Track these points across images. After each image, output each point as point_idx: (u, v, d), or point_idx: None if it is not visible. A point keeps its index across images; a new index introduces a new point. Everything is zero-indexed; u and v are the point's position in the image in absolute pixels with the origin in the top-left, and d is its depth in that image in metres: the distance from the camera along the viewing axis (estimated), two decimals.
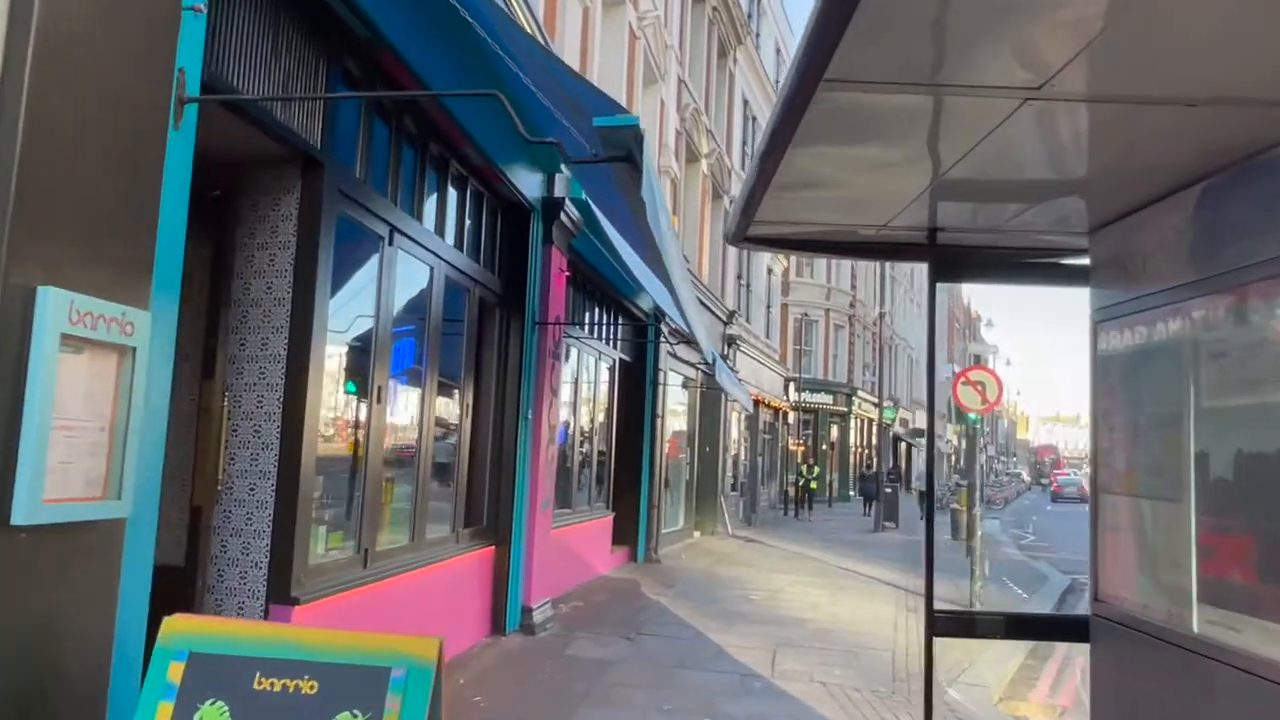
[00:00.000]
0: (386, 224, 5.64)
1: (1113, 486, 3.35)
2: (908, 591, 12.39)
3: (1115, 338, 3.39)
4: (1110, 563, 3.37)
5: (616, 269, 10.48)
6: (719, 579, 12.65)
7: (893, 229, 3.59)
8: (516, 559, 8.02)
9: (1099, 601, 3.40)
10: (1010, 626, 3.57)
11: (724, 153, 19.79)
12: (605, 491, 12.69)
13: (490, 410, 7.91)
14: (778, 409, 26.52)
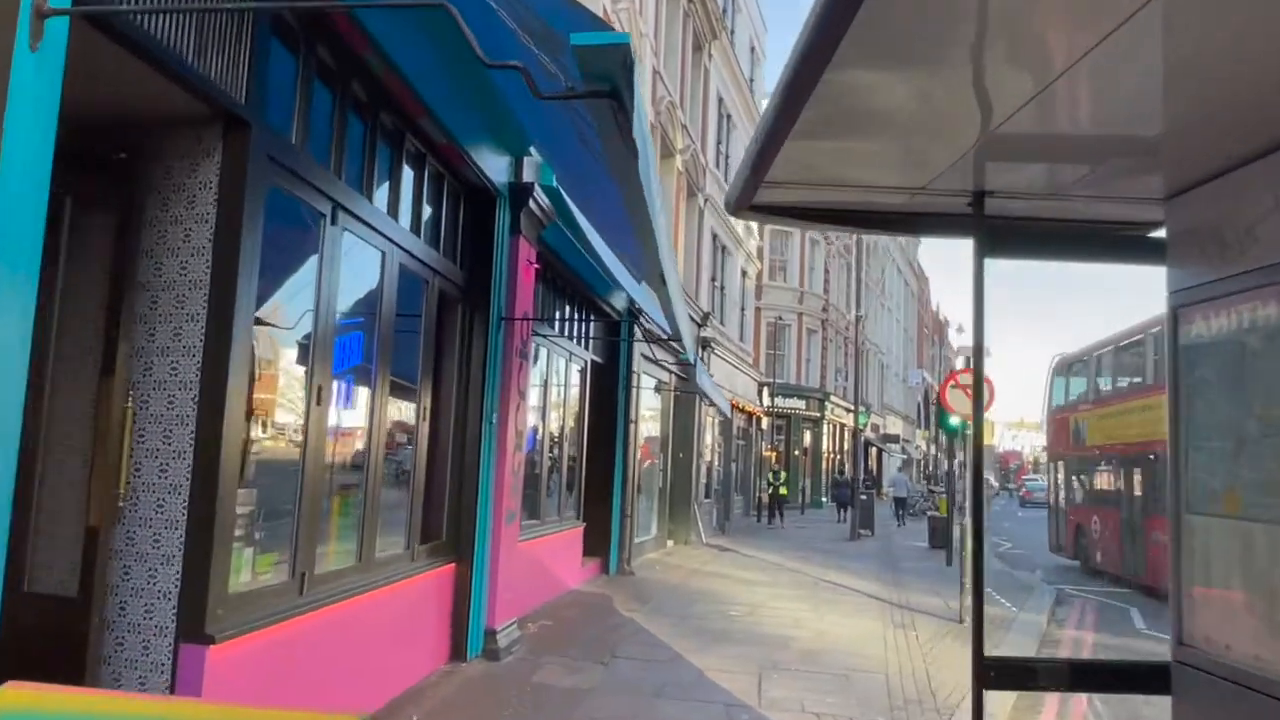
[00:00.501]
0: (329, 200, 4.93)
1: (1203, 506, 2.75)
2: (893, 605, 11.82)
3: (1202, 325, 2.79)
4: (1199, 600, 2.76)
5: (590, 263, 9.81)
6: (695, 592, 12.00)
7: (932, 193, 2.97)
8: (479, 577, 7.31)
9: (1184, 646, 2.79)
10: (1076, 676, 2.95)
11: (699, 150, 19.20)
12: (576, 500, 12.00)
13: (451, 414, 7.21)
14: (752, 414, 25.97)
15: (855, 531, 23.09)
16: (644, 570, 13.90)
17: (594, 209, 8.90)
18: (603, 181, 6.43)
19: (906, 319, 63.44)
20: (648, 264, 4.42)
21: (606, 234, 9.56)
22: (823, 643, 9.06)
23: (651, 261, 4.50)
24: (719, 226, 21.73)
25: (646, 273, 4.48)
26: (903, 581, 14.44)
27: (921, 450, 70.55)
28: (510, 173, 7.67)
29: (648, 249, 4.27)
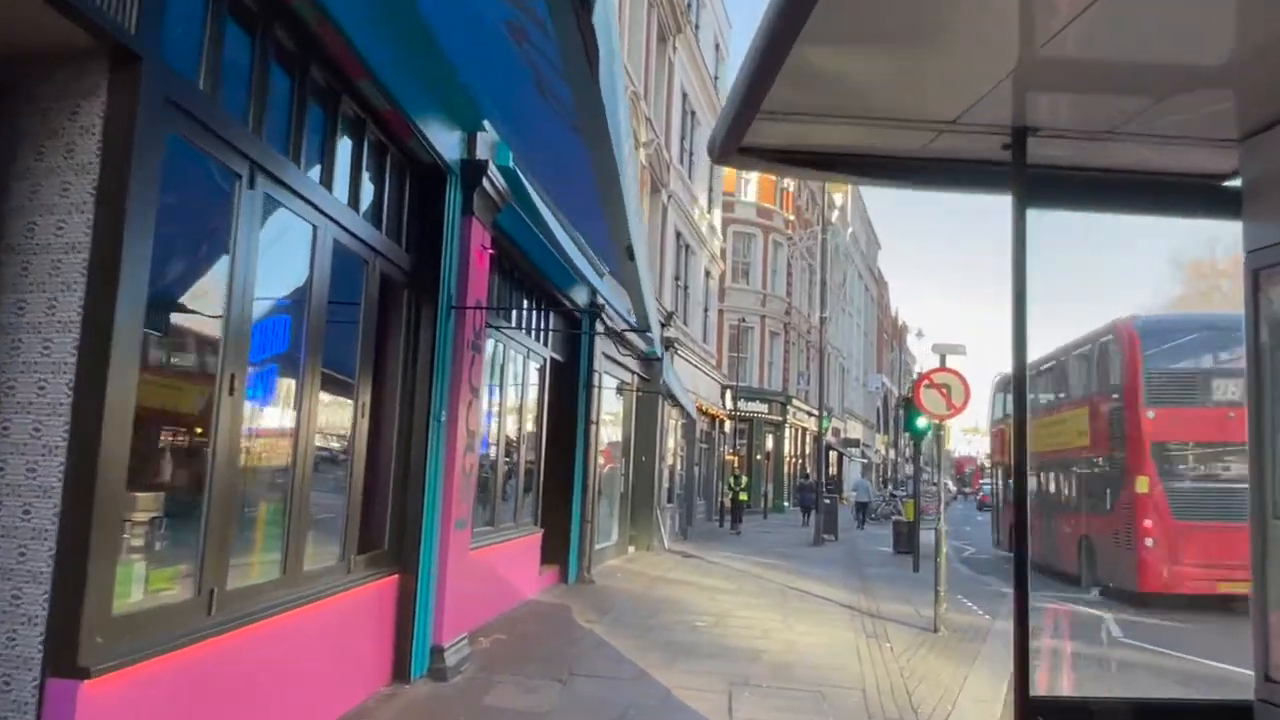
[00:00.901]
0: (245, 159, 4.29)
1: None
2: (864, 613, 11.36)
3: None
4: None
5: (549, 252, 9.22)
6: (659, 602, 11.43)
7: (963, 129, 2.44)
8: (425, 589, 6.67)
9: (1271, 683, 2.28)
10: (1139, 719, 2.44)
11: (663, 145, 18.70)
12: (533, 505, 11.37)
13: (395, 410, 6.57)
14: (715, 417, 25.51)
15: (819, 536, 22.70)
16: (605, 578, 13.31)
17: (554, 192, 8.33)
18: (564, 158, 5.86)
19: (867, 324, 63.62)
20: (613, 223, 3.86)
21: (568, 217, 8.99)
22: (794, 655, 8.54)
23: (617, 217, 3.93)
24: (683, 224, 21.24)
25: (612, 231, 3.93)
26: (871, 588, 14.01)
27: (880, 454, 70.86)
28: (462, 149, 7.06)
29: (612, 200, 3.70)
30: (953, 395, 10.44)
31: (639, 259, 4.71)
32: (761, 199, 37.39)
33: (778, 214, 38.28)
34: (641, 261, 4.96)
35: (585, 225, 8.44)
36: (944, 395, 10.47)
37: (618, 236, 4.25)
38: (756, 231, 37.16)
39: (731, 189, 35.69)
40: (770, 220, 37.68)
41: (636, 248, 4.48)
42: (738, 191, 36.64)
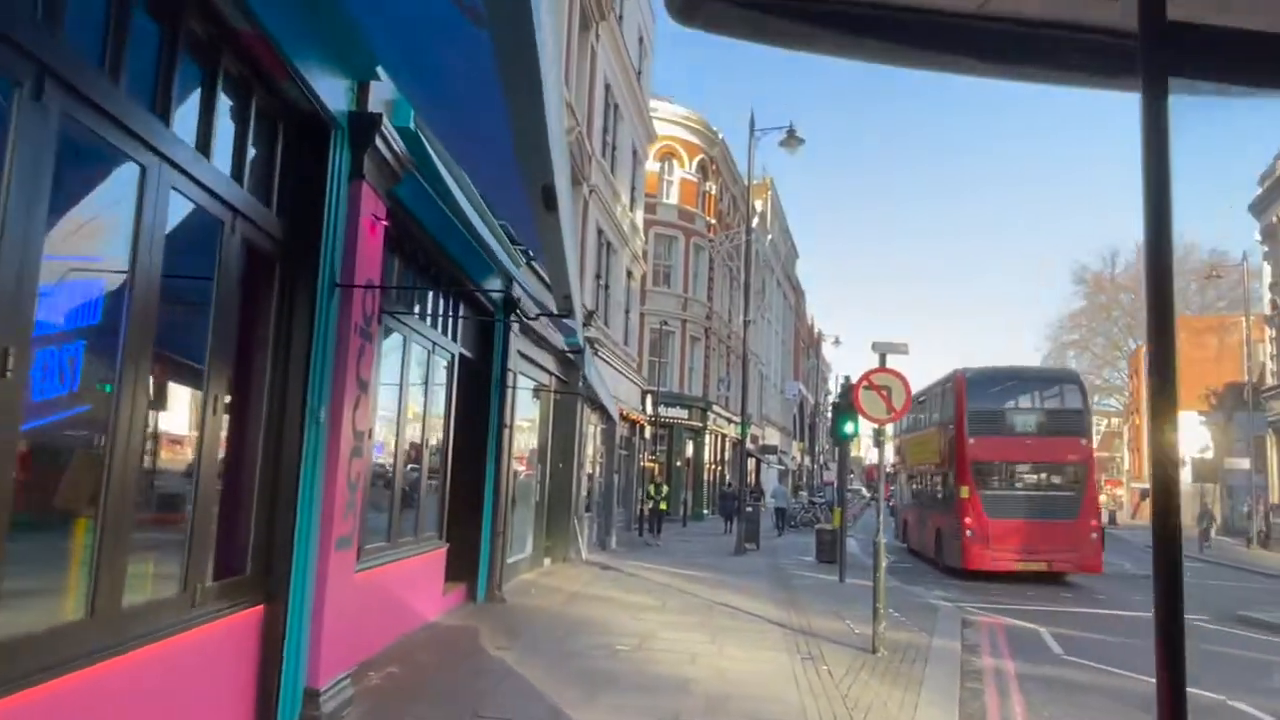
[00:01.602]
0: (30, 59, 3.18)
1: None
2: (796, 631, 10.58)
3: None
4: None
5: (459, 231, 8.16)
6: (577, 622, 10.45)
7: None
8: (297, 621, 5.57)
9: None
10: None
11: (585, 135, 17.76)
12: (438, 518, 10.25)
13: (261, 406, 5.46)
14: (636, 422, 24.63)
15: (741, 545, 22.02)
16: (518, 595, 12.25)
17: (467, 164, 7.31)
18: (478, 122, 4.87)
19: (785, 331, 63.79)
20: (525, 139, 2.93)
21: (483, 193, 7.96)
22: (726, 685, 7.66)
23: (529, 127, 2.96)
24: (605, 222, 20.33)
25: (523, 155, 3.03)
26: (799, 601, 13.29)
27: (796, 461, 71.16)
28: (351, 99, 5.99)
29: (521, 92, 2.74)
30: (893, 398, 9.76)
31: (562, 210, 3.75)
32: (683, 201, 36.79)
33: (700, 217, 37.73)
34: (565, 214, 4.01)
35: (502, 205, 7.42)
36: (884, 398, 9.78)
37: (531, 166, 3.29)
38: (678, 234, 36.52)
39: (654, 190, 34.97)
40: (692, 223, 37.09)
41: (560, 194, 3.51)
42: (660, 193, 35.96)
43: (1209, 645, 11.64)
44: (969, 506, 18.27)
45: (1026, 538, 17.80)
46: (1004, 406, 19.70)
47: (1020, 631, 12.05)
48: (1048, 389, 20.56)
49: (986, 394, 19.38)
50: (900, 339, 11.63)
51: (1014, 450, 18.82)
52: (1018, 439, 18.87)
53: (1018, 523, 17.92)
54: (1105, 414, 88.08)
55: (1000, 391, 19.86)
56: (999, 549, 17.87)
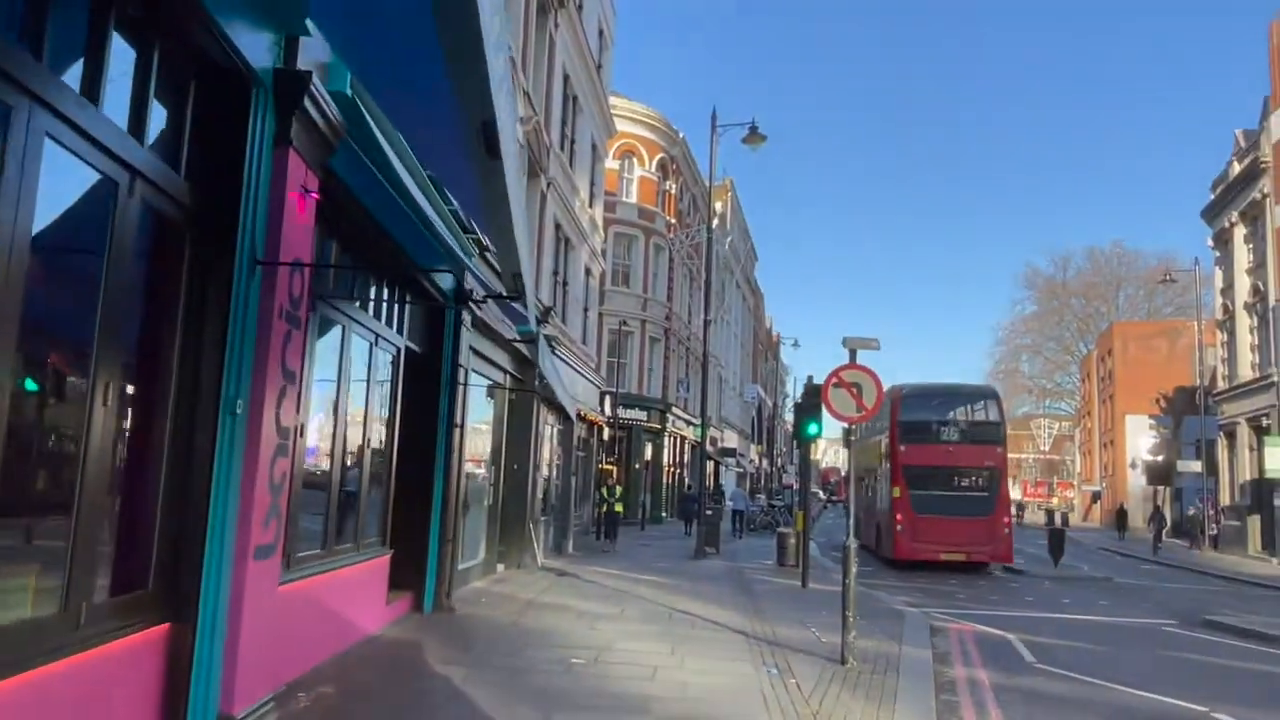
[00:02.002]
0: None
1: None
2: (760, 640, 10.08)
3: None
4: None
5: (404, 213, 7.51)
6: (530, 634, 9.83)
7: None
8: (208, 640, 4.91)
9: None
10: None
11: (543, 125, 17.15)
12: (380, 523, 9.58)
13: (168, 398, 4.80)
14: (594, 423, 24.03)
15: (701, 549, 21.52)
16: (468, 604, 11.60)
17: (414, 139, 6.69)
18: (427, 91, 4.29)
19: (744, 334, 63.62)
20: (461, 64, 2.41)
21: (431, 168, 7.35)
22: (689, 703, 7.11)
23: (465, 52, 2.42)
24: (563, 216, 19.73)
25: (461, 91, 2.51)
26: (762, 608, 12.80)
27: (755, 464, 70.97)
28: (276, 55, 5.35)
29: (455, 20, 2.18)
30: (864, 395, 9.29)
31: (507, 164, 3.17)
32: (643, 200, 36.30)
33: (660, 216, 37.27)
34: (510, 172, 3.44)
35: (447, 174, 6.81)
36: (854, 395, 9.32)
37: (468, 97, 2.72)
38: (638, 234, 36.02)
39: (613, 188, 34.43)
40: (652, 223, 36.61)
41: (504, 139, 2.94)
42: (620, 191, 35.43)
43: (1181, 652, 11.37)
44: (900, 505, 21.40)
45: (948, 532, 20.66)
46: (932, 419, 22.44)
47: (990, 639, 11.68)
48: (969, 404, 23.49)
49: (917, 408, 22.53)
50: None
51: (939, 456, 21.69)
52: (943, 446, 21.81)
53: (941, 519, 20.87)
54: (1056, 418, 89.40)
55: (929, 406, 22.78)
56: (925, 541, 20.83)
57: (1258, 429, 31.23)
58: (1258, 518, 30.89)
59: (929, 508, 21.05)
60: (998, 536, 21.13)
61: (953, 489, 21.43)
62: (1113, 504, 54.20)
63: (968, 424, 22.67)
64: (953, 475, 21.54)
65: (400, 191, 6.91)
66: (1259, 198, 30.98)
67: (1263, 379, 30.44)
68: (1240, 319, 32.92)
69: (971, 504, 21.23)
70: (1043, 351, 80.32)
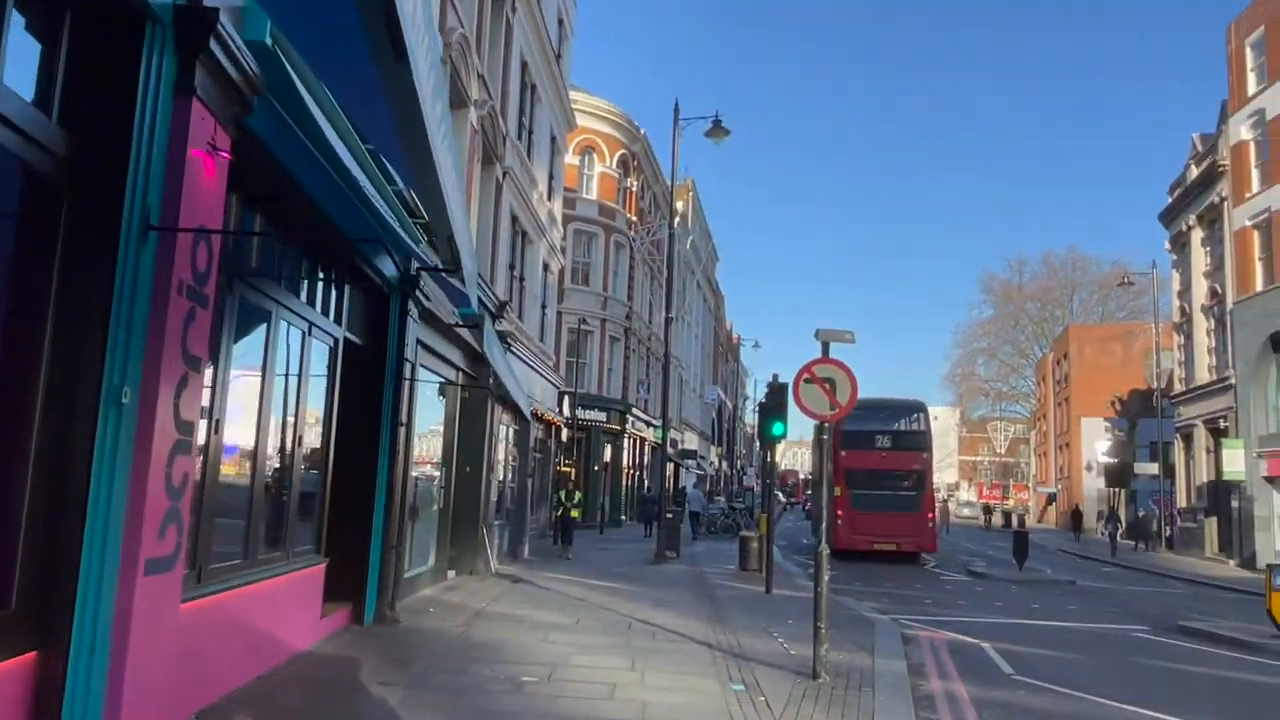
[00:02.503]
0: None
1: None
2: (725, 653, 9.48)
3: None
4: None
5: (338, 187, 6.78)
6: (478, 648, 9.12)
7: None
8: (85, 668, 4.17)
9: None
10: None
11: (499, 113, 16.41)
12: (314, 529, 8.80)
13: (36, 387, 4.05)
14: (552, 423, 23.30)
15: (661, 554, 20.91)
16: (414, 615, 10.85)
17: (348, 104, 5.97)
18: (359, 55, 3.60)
19: (704, 335, 63.21)
20: None
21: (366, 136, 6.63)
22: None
23: None
24: (520, 208, 19.00)
25: None
26: (726, 616, 12.21)
27: (715, 466, 70.56)
28: None
29: None
30: (838, 391, 8.73)
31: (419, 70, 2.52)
32: (603, 196, 35.64)
33: (620, 214, 36.64)
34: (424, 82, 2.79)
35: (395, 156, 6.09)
36: (827, 391, 8.75)
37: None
38: (598, 231, 35.35)
39: (573, 185, 33.74)
40: (613, 220, 35.97)
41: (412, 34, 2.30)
42: (579, 188, 34.74)
43: (1159, 660, 10.98)
44: (841, 502, 24.36)
45: (882, 525, 23.69)
46: (869, 428, 25.23)
47: (963, 648, 11.19)
48: (900, 415, 26.91)
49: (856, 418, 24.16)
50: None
51: (874, 461, 24.98)
52: (877, 452, 25.08)
53: (876, 514, 24.04)
54: (1013, 420, 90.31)
55: (867, 417, 25.01)
56: (861, 534, 23.91)
57: (1215, 431, 31.41)
58: (1214, 520, 31.05)
59: (865, 505, 24.30)
60: (923, 530, 24.49)
61: (885, 489, 24.53)
62: (1068, 506, 54.64)
63: (899, 433, 26.06)
64: (885, 477, 24.72)
65: (331, 159, 6.18)
66: (1217, 201, 31.17)
67: (1220, 381, 30.60)
68: (1198, 322, 33.12)
69: (901, 502, 24.55)
70: (999, 355, 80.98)
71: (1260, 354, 27.75)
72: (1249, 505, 27.89)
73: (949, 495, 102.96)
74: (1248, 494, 27.89)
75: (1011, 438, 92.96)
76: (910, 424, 26.65)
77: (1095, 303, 74.89)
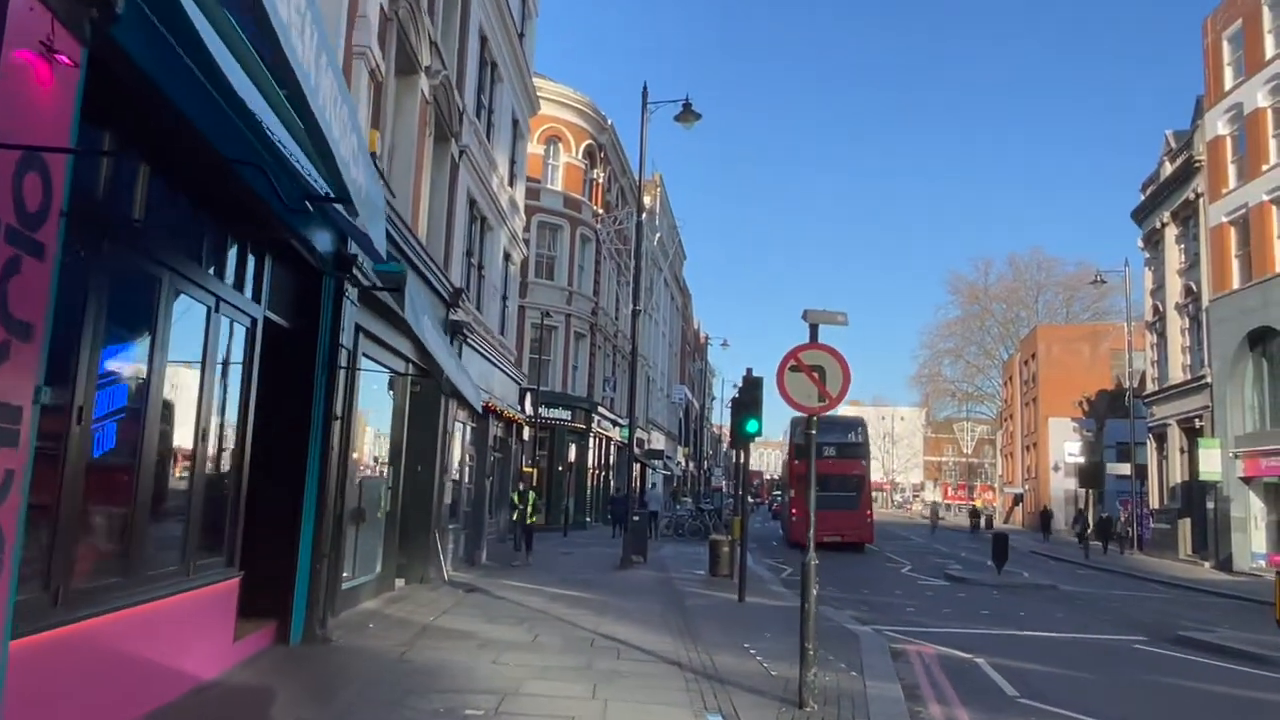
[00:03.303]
0: None
1: None
2: (698, 674, 8.46)
3: None
4: None
5: (241, 131, 5.61)
6: (418, 672, 8.00)
7: None
8: None
9: None
10: None
11: (454, 86, 15.25)
12: (227, 538, 7.61)
13: None
14: (514, 421, 22.13)
15: (627, 558, 19.85)
16: (352, 632, 9.70)
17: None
18: None
19: (671, 334, 62.22)
20: None
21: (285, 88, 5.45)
22: None
23: None
24: (479, 192, 17.84)
25: None
26: (697, 630, 11.19)
27: (681, 467, 69.60)
28: None
29: None
30: (828, 381, 7.72)
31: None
32: (569, 187, 34.51)
33: (587, 206, 35.54)
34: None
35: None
36: (815, 381, 7.74)
37: None
38: (563, 223, 34.21)
39: (538, 174, 32.58)
40: (578, 212, 34.85)
41: None
42: (544, 178, 33.60)
43: (1172, 678, 10.12)
44: (796, 502, 30.58)
45: (830, 521, 27.23)
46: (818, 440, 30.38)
47: (957, 664, 10.25)
48: (845, 430, 32.37)
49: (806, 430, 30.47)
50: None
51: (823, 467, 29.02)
52: (825, 460, 28.56)
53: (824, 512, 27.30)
54: (979, 421, 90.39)
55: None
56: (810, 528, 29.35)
57: (1189, 431, 30.99)
58: (1188, 521, 30.63)
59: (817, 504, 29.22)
60: (863, 525, 30.58)
61: (832, 491, 28.13)
62: (1036, 506, 54.39)
63: (842, 444, 31.45)
64: (832, 481, 28.49)
65: (225, 93, 5.01)
66: (1192, 197, 30.74)
67: (1195, 380, 30.16)
68: (1171, 320, 32.71)
69: (845, 501, 29.63)
70: (964, 355, 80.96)
71: (1237, 352, 27.31)
72: (1225, 506, 27.44)
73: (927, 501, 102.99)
74: (1224, 495, 27.44)
75: (977, 439, 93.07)
76: (853, 437, 32.30)
77: (1060, 304, 75.10)
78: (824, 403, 7.78)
